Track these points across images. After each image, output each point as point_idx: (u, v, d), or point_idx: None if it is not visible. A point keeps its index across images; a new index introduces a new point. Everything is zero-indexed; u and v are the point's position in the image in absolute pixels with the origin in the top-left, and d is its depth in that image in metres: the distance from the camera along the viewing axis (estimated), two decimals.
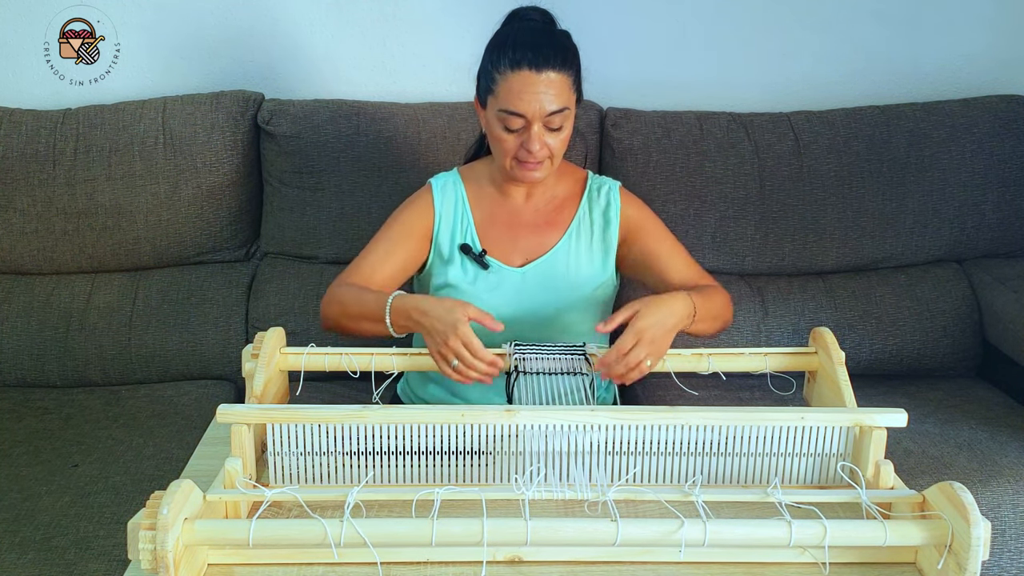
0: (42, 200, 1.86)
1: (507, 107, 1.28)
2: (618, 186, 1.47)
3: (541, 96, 1.26)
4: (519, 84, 1.27)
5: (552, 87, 1.27)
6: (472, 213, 1.44)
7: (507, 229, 1.44)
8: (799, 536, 0.86)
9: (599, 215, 1.44)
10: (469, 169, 1.48)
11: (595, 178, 1.48)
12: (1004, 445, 1.57)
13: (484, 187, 1.45)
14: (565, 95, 1.29)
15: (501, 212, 1.44)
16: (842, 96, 2.03)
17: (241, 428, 1.00)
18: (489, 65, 1.31)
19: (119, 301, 1.88)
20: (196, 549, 0.87)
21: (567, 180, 1.48)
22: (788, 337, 1.84)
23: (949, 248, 1.94)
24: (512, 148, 1.31)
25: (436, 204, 1.43)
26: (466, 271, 1.41)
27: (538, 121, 1.28)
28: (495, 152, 1.37)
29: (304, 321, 1.84)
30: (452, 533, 0.84)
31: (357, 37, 2.02)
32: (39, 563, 1.30)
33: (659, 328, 1.17)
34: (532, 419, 1.01)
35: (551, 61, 1.27)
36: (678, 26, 2.04)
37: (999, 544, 1.43)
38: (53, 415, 1.71)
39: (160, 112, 1.88)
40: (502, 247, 1.43)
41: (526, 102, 1.26)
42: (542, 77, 1.26)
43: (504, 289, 1.40)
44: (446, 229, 1.43)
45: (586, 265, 1.43)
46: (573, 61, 1.32)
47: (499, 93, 1.29)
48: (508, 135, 1.31)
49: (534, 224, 1.44)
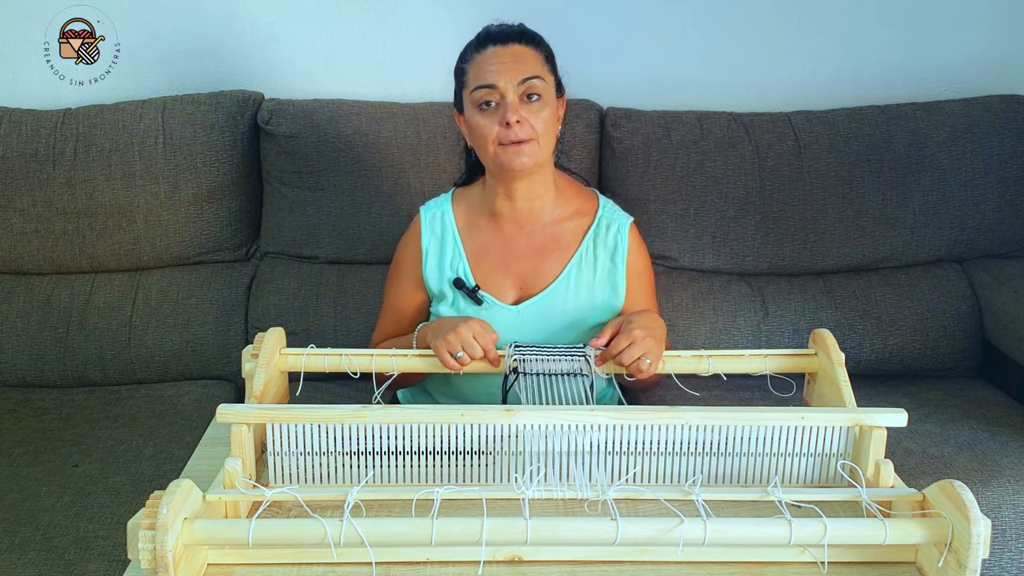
0: (42, 200, 1.86)
1: (478, 82, 1.27)
2: (628, 225, 1.40)
3: (511, 65, 1.27)
4: (486, 60, 1.28)
5: (521, 57, 1.28)
6: (463, 244, 1.39)
7: (500, 261, 1.38)
8: (799, 535, 0.85)
9: (606, 256, 1.38)
10: (462, 194, 1.43)
11: (606, 210, 1.41)
12: (1004, 445, 1.57)
13: (477, 214, 1.40)
14: (537, 66, 1.29)
15: (493, 242, 1.39)
16: (842, 96, 2.03)
17: (241, 428, 1.00)
18: (460, 63, 1.33)
19: (119, 301, 1.88)
20: (196, 549, 0.87)
21: (570, 202, 1.41)
22: (788, 337, 1.84)
23: (949, 248, 1.94)
24: (492, 132, 1.27)
25: (424, 240, 1.40)
26: (458, 307, 1.37)
27: (511, 91, 1.26)
28: (480, 149, 1.32)
29: (304, 321, 1.84)
30: (452, 533, 0.84)
31: (357, 37, 2.02)
32: (39, 563, 1.30)
33: (650, 331, 1.19)
34: (532, 419, 1.01)
35: (516, 38, 1.29)
36: (678, 26, 2.04)
37: (999, 544, 1.43)
38: (53, 415, 1.71)
39: (160, 112, 1.88)
40: (495, 281, 1.38)
41: (495, 72, 1.26)
42: (508, 48, 1.28)
43: (497, 326, 1.28)
44: (433, 265, 1.39)
45: (586, 297, 1.37)
46: (542, 43, 1.32)
47: (469, 79, 1.30)
48: (485, 118, 1.28)
49: (530, 252, 1.38)
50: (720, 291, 1.89)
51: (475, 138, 1.32)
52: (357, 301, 1.86)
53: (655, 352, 1.18)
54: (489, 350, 1.19)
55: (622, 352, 1.17)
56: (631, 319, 1.22)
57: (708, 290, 1.89)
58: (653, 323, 1.22)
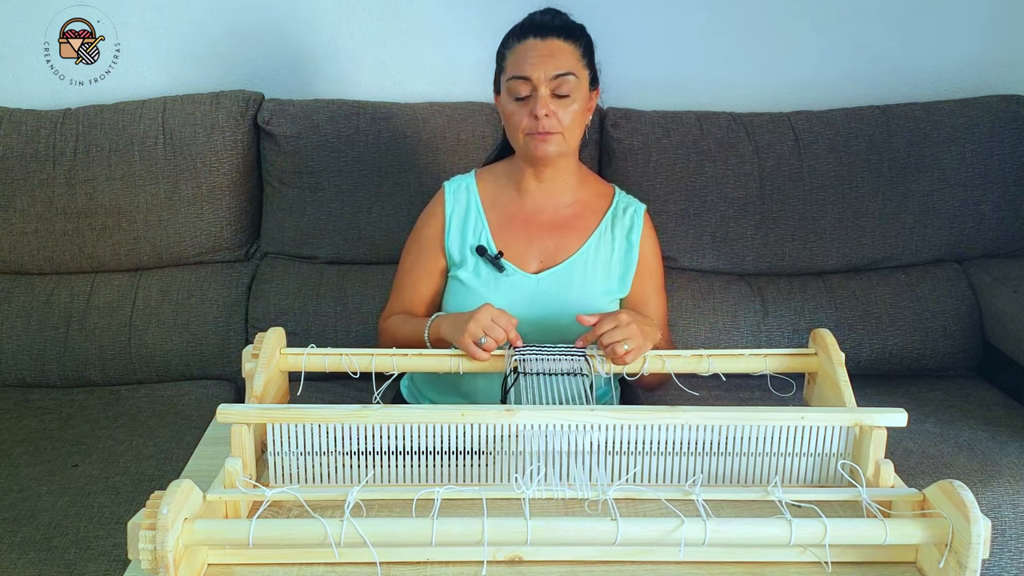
0: (42, 200, 1.86)
1: (514, 73, 1.33)
2: (644, 210, 1.47)
3: (546, 59, 1.32)
4: (524, 51, 1.33)
5: (557, 52, 1.32)
6: (486, 214, 1.44)
7: (523, 231, 1.44)
8: (799, 535, 0.85)
9: (622, 235, 1.45)
10: (487, 170, 1.50)
11: (622, 196, 1.49)
12: (1004, 445, 1.57)
13: (502, 187, 1.46)
14: (572, 62, 1.33)
15: (518, 213, 1.44)
16: (842, 96, 2.03)
17: (241, 428, 1.00)
18: (502, 47, 1.38)
19: (119, 301, 1.88)
20: (196, 549, 0.87)
21: (591, 187, 1.48)
22: (788, 337, 1.84)
23: (949, 248, 1.94)
24: (523, 121, 1.34)
25: (447, 208, 1.45)
26: (479, 273, 1.41)
27: (544, 85, 1.32)
28: (510, 134, 1.39)
29: (304, 321, 1.84)
30: (452, 533, 0.84)
31: (357, 37, 2.02)
32: (39, 563, 1.30)
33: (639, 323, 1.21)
34: (532, 419, 1.01)
35: (556, 31, 1.33)
36: (678, 26, 2.04)
37: (999, 544, 1.43)
38: (53, 415, 1.71)
39: (160, 112, 1.88)
40: (517, 250, 1.43)
41: (530, 65, 1.32)
42: (547, 43, 1.33)
43: (517, 294, 1.40)
44: (456, 232, 1.44)
45: (602, 279, 1.43)
46: (582, 37, 1.37)
47: (507, 66, 1.36)
48: (518, 107, 1.34)
49: (552, 226, 1.44)
50: (720, 291, 1.89)
51: (507, 123, 1.39)
52: (357, 301, 1.86)
53: (636, 341, 1.20)
54: (510, 331, 1.21)
55: (604, 332, 1.19)
56: (627, 310, 1.25)
57: (708, 290, 1.89)
58: (645, 321, 1.25)
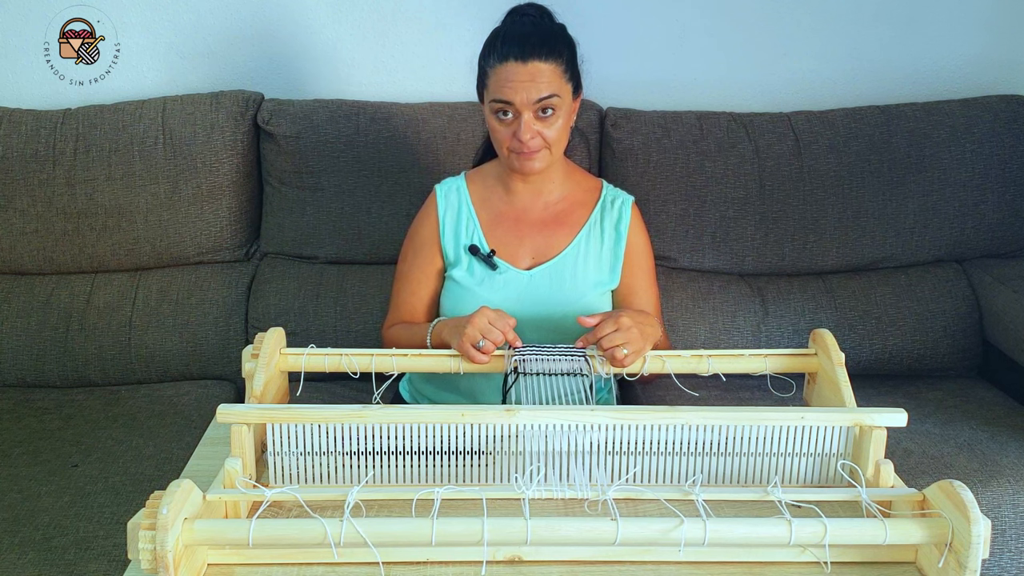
0: (42, 200, 1.86)
1: (496, 96, 1.32)
2: (631, 202, 1.48)
3: (527, 85, 1.30)
4: (506, 75, 1.31)
5: (539, 76, 1.30)
6: (477, 214, 1.45)
7: (514, 228, 1.45)
8: (799, 535, 0.85)
9: (611, 227, 1.45)
10: (476, 172, 1.51)
11: (610, 189, 1.49)
12: (1004, 445, 1.57)
13: (491, 187, 1.47)
14: (555, 83, 1.31)
15: (508, 211, 1.46)
16: (842, 96, 2.03)
17: (241, 428, 1.00)
18: (482, 61, 1.36)
19: (119, 301, 1.88)
20: (196, 549, 0.87)
21: (578, 182, 1.49)
22: (788, 337, 1.84)
23: (949, 248, 1.94)
24: (507, 139, 1.34)
25: (440, 209, 1.46)
26: (472, 272, 1.42)
27: (527, 109, 1.31)
28: (495, 146, 1.39)
29: (304, 321, 1.84)
30: (452, 533, 0.84)
31: (357, 37, 2.02)
32: (39, 563, 1.30)
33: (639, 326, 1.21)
34: (532, 419, 1.01)
35: (537, 51, 1.30)
36: (678, 26, 2.04)
37: (999, 544, 1.43)
38: (53, 415, 1.70)
39: (160, 112, 1.88)
40: (509, 247, 1.44)
41: (513, 91, 1.30)
42: (528, 67, 1.30)
43: (510, 291, 1.41)
44: (450, 233, 1.45)
45: (594, 272, 1.44)
46: (563, 51, 1.34)
47: (490, 86, 1.33)
48: (501, 126, 1.34)
49: (542, 223, 1.45)
50: (720, 291, 1.89)
51: (491, 135, 1.39)
52: (357, 301, 1.86)
53: (636, 345, 1.19)
54: (508, 332, 1.21)
55: (604, 336, 1.19)
56: (627, 310, 1.24)
57: (708, 290, 1.89)
58: (646, 321, 1.24)
